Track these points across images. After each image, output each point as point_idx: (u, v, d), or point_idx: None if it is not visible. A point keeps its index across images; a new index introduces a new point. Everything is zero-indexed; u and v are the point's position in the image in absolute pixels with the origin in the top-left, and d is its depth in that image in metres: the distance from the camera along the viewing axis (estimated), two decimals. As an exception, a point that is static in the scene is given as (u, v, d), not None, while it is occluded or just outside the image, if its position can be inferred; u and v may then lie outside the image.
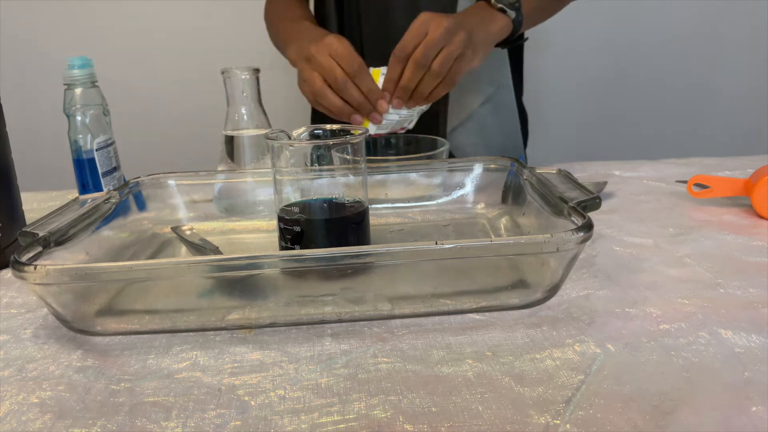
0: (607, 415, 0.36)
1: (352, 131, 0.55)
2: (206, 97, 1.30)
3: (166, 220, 0.67)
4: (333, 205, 0.56)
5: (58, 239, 0.50)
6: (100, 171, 0.72)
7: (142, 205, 0.66)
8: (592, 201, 0.51)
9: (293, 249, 0.54)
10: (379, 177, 0.69)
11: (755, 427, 0.34)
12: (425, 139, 0.78)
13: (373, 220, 0.60)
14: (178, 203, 0.68)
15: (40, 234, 0.49)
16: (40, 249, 0.47)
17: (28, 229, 0.49)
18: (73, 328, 0.47)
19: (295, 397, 0.39)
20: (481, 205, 0.69)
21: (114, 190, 0.62)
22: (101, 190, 0.72)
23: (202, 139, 1.36)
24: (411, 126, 0.76)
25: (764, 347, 0.42)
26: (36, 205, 0.80)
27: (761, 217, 0.67)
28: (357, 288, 0.48)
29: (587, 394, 0.38)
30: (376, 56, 0.93)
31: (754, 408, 0.36)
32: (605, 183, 0.79)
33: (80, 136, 0.71)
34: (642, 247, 0.61)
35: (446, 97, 0.94)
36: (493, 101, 1.02)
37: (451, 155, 0.96)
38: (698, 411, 0.36)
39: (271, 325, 0.47)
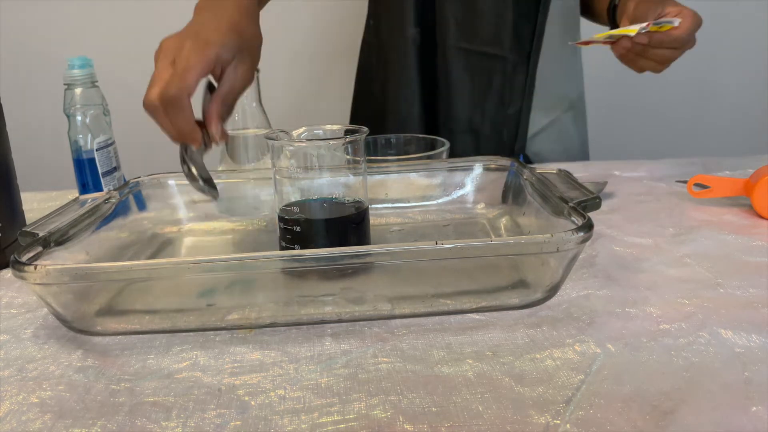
0: (607, 415, 0.36)
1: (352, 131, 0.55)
2: (206, 97, 1.30)
3: (166, 220, 0.67)
4: (333, 205, 0.56)
5: (58, 239, 0.50)
6: (100, 171, 0.72)
7: (142, 205, 0.66)
8: (592, 201, 0.51)
9: (293, 249, 0.54)
10: (379, 177, 0.69)
11: (755, 427, 0.34)
12: (425, 139, 0.78)
13: (373, 220, 0.60)
14: (178, 203, 0.68)
15: (40, 234, 0.49)
16: (40, 249, 0.47)
17: (28, 229, 0.49)
18: (73, 328, 0.47)
19: (295, 397, 0.39)
20: (481, 205, 0.69)
21: (114, 190, 0.62)
22: (101, 190, 0.72)
23: (202, 139, 1.36)
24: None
25: (764, 347, 0.42)
26: (36, 205, 0.80)
27: (761, 217, 0.67)
28: (357, 288, 0.48)
29: (587, 394, 0.38)
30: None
31: (754, 408, 0.36)
32: (605, 183, 0.79)
33: (80, 136, 0.71)
34: (642, 247, 0.61)
35: (529, 102, 0.91)
36: (575, 108, 1.00)
37: (529, 161, 0.95)
38: (698, 411, 0.36)
39: (271, 325, 0.47)
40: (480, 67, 0.88)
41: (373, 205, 0.68)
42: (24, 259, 0.44)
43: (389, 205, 0.70)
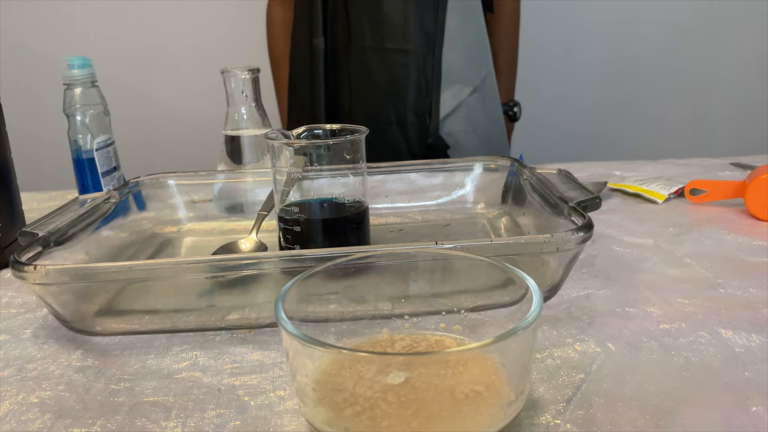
0: (607, 415, 0.36)
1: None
2: (206, 97, 1.30)
3: (166, 220, 0.67)
4: (333, 205, 0.56)
5: (58, 239, 0.50)
6: (99, 171, 0.72)
7: (141, 205, 0.66)
8: (592, 201, 0.51)
9: (293, 249, 0.54)
10: (379, 177, 0.69)
11: (755, 427, 0.34)
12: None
13: (373, 220, 0.60)
14: (178, 203, 0.68)
15: (40, 234, 0.49)
16: (39, 249, 0.47)
17: (28, 229, 0.49)
18: (73, 328, 0.47)
19: (294, 397, 0.39)
20: (481, 205, 0.69)
21: (114, 190, 0.62)
22: (101, 190, 0.72)
23: (202, 139, 1.36)
24: None
25: (764, 347, 0.42)
26: (36, 205, 0.80)
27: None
28: (357, 288, 0.48)
29: (588, 393, 0.38)
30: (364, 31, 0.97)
31: (754, 408, 0.36)
32: (605, 183, 0.79)
33: (80, 136, 0.71)
34: (642, 247, 0.60)
35: (438, 88, 1.01)
36: (480, 91, 1.07)
37: (444, 141, 1.03)
38: (698, 411, 0.36)
39: (271, 325, 0.47)
40: (396, 62, 0.99)
41: (373, 205, 0.68)
42: (24, 259, 0.44)
43: (389, 205, 0.70)
